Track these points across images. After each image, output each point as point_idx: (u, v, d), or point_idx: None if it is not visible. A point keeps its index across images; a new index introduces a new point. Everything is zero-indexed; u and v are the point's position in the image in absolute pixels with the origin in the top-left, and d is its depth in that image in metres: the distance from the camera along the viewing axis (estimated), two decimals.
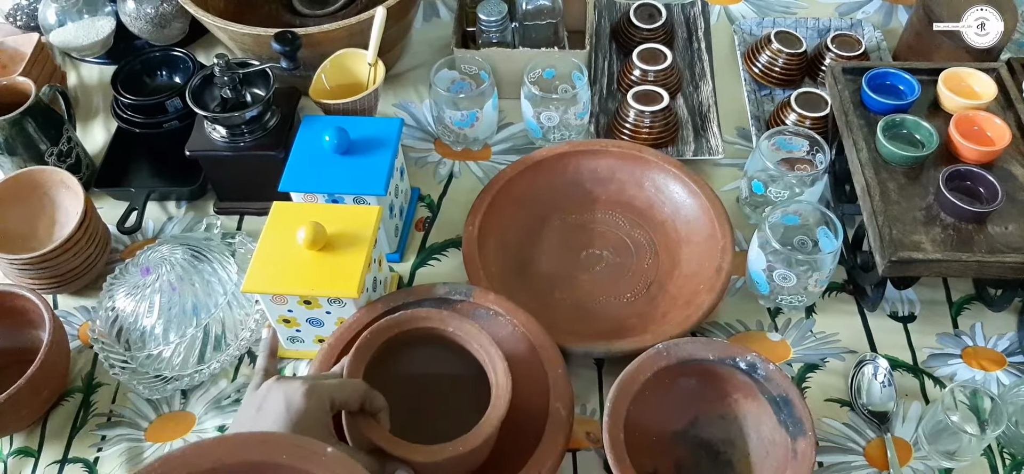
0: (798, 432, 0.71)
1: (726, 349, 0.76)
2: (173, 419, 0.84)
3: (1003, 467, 0.77)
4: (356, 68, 0.98)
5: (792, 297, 0.84)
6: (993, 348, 0.86)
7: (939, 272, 0.82)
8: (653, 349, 0.76)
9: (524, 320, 0.78)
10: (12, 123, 0.96)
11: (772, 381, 0.74)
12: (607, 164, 0.97)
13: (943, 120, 0.86)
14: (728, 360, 0.75)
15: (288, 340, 0.85)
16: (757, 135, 1.01)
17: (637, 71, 1.06)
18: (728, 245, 0.87)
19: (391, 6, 0.97)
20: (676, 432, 0.78)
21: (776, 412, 0.74)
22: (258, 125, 0.92)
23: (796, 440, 0.71)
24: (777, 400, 0.74)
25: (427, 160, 1.06)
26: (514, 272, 0.91)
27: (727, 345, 0.77)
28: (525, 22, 1.06)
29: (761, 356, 0.75)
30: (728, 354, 0.76)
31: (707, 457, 0.76)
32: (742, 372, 0.75)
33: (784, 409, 0.73)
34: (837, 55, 1.06)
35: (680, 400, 0.77)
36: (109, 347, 0.84)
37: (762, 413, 0.75)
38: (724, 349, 0.76)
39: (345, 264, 0.77)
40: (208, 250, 0.86)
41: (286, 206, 0.83)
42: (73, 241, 0.89)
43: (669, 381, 0.76)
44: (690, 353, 0.75)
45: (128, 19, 1.13)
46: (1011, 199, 0.80)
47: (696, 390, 0.78)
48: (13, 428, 0.83)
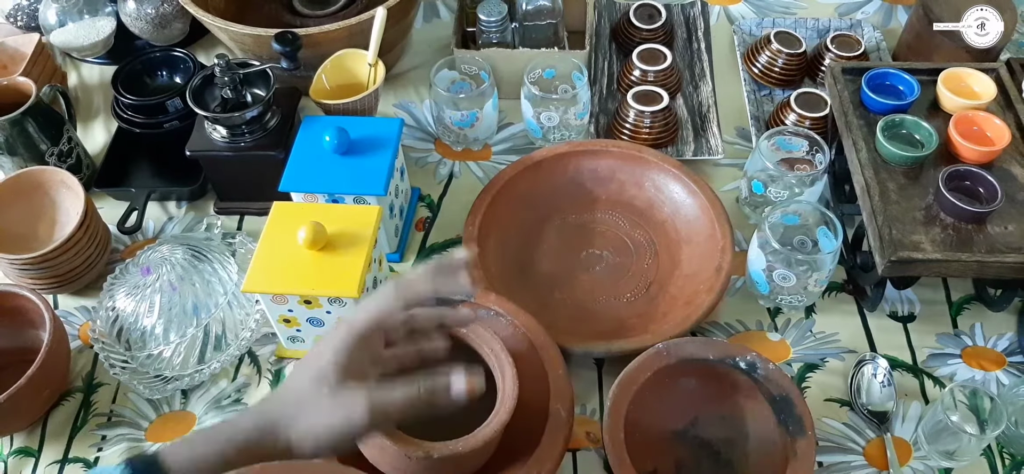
0: (798, 432, 0.71)
1: (726, 349, 0.76)
2: (173, 419, 0.84)
3: (1003, 467, 0.77)
4: (356, 68, 0.98)
5: (792, 297, 0.84)
6: (993, 348, 0.86)
7: (939, 272, 0.82)
8: (653, 349, 0.76)
9: (524, 320, 0.78)
10: (12, 123, 0.96)
11: (772, 381, 0.74)
12: (607, 164, 0.97)
13: (943, 120, 0.86)
14: (728, 360, 0.75)
15: (288, 340, 0.85)
16: (757, 135, 1.01)
17: (637, 71, 1.06)
18: (728, 245, 0.87)
19: (391, 6, 0.97)
20: (676, 432, 0.78)
21: (776, 412, 0.74)
22: (258, 125, 0.92)
23: (796, 440, 0.71)
24: (777, 400, 0.74)
25: (427, 160, 1.06)
26: (514, 272, 0.91)
27: (727, 345, 0.77)
28: (525, 22, 1.06)
29: (761, 356, 0.75)
30: (728, 354, 0.76)
31: (707, 457, 0.76)
32: (742, 372, 0.75)
33: (784, 409, 0.73)
34: (837, 55, 1.06)
35: (680, 400, 0.78)
36: (109, 347, 0.84)
37: (762, 413, 0.75)
38: (724, 349, 0.76)
39: (345, 264, 0.77)
40: (208, 250, 0.86)
41: (286, 206, 0.83)
42: (73, 241, 0.89)
43: (669, 381, 0.76)
44: (690, 353, 0.76)
45: (128, 19, 1.14)
46: (1011, 199, 0.80)
47: (696, 390, 0.78)
48: (13, 428, 0.83)
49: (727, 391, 0.77)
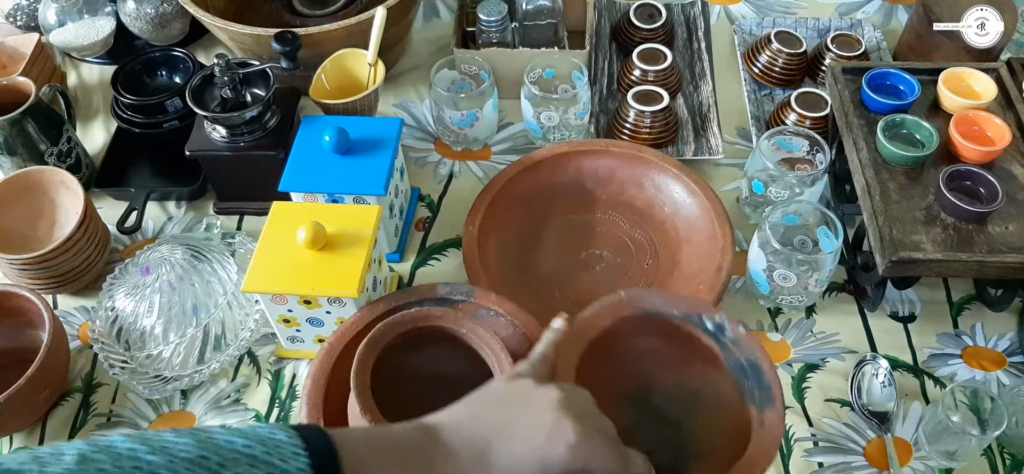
0: (766, 402, 0.64)
1: (693, 305, 0.69)
2: (173, 419, 0.84)
3: (1003, 467, 0.77)
4: (356, 68, 0.98)
5: (792, 297, 0.84)
6: (993, 348, 0.86)
7: (939, 272, 0.82)
8: (615, 295, 0.69)
9: (524, 320, 0.78)
10: (12, 123, 0.96)
11: (740, 345, 0.67)
12: (607, 164, 0.97)
13: (943, 120, 0.86)
14: (694, 318, 0.68)
15: (288, 340, 0.85)
16: (757, 135, 1.01)
17: (637, 71, 1.06)
18: (728, 245, 0.87)
19: (391, 6, 0.97)
20: (626, 395, 0.70)
21: (742, 379, 0.67)
22: (258, 125, 0.92)
23: (763, 410, 0.64)
24: (744, 365, 0.67)
25: (427, 160, 1.06)
26: (514, 272, 0.91)
27: (694, 301, 0.70)
28: (525, 22, 1.06)
29: (730, 318, 0.68)
30: (694, 310, 0.69)
31: (657, 425, 0.69)
32: (708, 334, 0.68)
33: (752, 376, 0.66)
34: (837, 55, 1.06)
35: (633, 361, 0.70)
36: (109, 347, 0.84)
37: (724, 381, 0.68)
38: (691, 305, 0.69)
39: (345, 264, 0.77)
40: (208, 250, 0.86)
41: (286, 206, 0.83)
42: (73, 241, 0.89)
43: (624, 338, 0.69)
44: (655, 306, 0.69)
45: (128, 19, 1.14)
46: (1011, 199, 0.80)
47: (653, 351, 0.71)
48: (13, 428, 0.83)
49: (688, 356, 0.70)
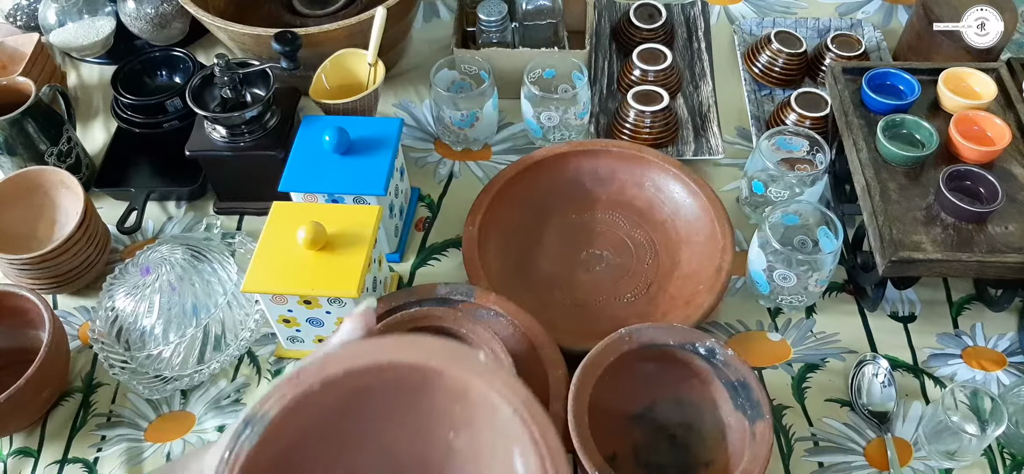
0: (756, 415, 0.72)
1: (686, 334, 0.76)
2: (173, 419, 0.84)
3: (1003, 467, 0.77)
4: (356, 68, 0.98)
5: (792, 297, 0.84)
6: (993, 348, 0.86)
7: (939, 272, 0.82)
8: (616, 334, 0.76)
9: (524, 320, 0.78)
10: (12, 123, 0.95)
11: (730, 366, 0.74)
12: (607, 164, 0.97)
13: (943, 120, 0.86)
14: (688, 345, 0.75)
15: (288, 340, 0.85)
16: (757, 135, 1.01)
17: (637, 71, 1.06)
18: (728, 245, 0.87)
19: (391, 6, 0.97)
20: (633, 416, 0.77)
21: (733, 396, 0.74)
22: (258, 125, 0.92)
23: (754, 423, 0.71)
24: (735, 385, 0.74)
25: (427, 160, 1.06)
26: (514, 272, 0.91)
27: (688, 331, 0.77)
28: (525, 22, 1.06)
29: (720, 343, 0.75)
30: (688, 339, 0.76)
31: (664, 440, 0.76)
32: (701, 358, 0.75)
33: (742, 393, 0.73)
34: (837, 55, 1.05)
35: (638, 384, 0.77)
36: (109, 347, 0.84)
37: (719, 398, 0.75)
38: (684, 334, 0.76)
39: (345, 264, 0.77)
40: (208, 250, 0.86)
41: (286, 206, 0.83)
42: (73, 241, 0.89)
43: (628, 365, 0.76)
44: (652, 338, 0.76)
45: (128, 19, 1.14)
46: (1011, 199, 0.80)
47: (654, 374, 0.78)
48: (13, 428, 0.83)
49: (685, 376, 0.77)
